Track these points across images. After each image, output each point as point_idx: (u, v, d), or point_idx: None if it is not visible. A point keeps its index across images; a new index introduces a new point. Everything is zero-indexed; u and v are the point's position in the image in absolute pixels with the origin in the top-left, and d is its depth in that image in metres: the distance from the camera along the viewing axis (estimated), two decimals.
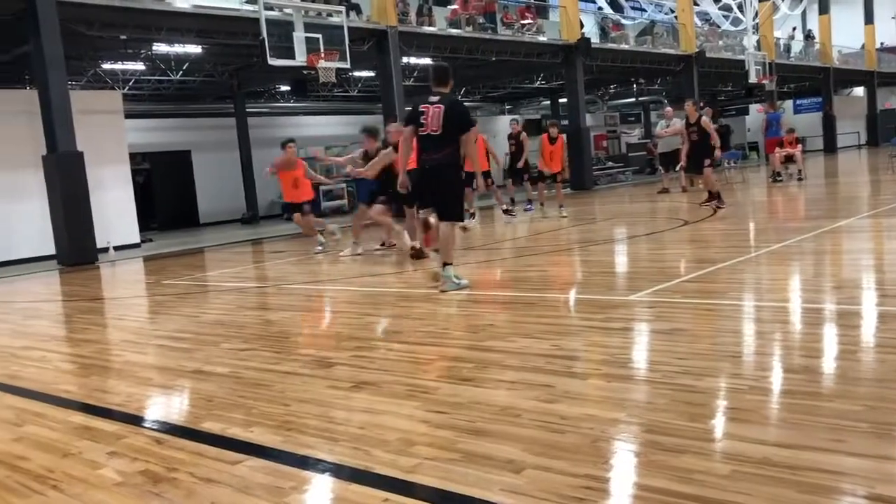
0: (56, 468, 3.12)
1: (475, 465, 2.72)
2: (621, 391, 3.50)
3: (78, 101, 13.20)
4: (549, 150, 13.91)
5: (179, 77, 19.54)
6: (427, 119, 6.70)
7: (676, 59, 25.87)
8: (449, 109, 6.69)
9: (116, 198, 15.21)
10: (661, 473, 2.52)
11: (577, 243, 10.05)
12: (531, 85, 28.18)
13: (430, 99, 6.80)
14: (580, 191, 22.02)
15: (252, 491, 2.70)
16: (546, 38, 21.91)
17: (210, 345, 5.42)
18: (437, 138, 6.66)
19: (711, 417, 3.10)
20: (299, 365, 4.65)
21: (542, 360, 4.11)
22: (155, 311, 7.90)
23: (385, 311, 6.41)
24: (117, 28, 13.81)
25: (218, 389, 4.15)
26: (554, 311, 5.82)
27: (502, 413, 3.27)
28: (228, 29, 15.10)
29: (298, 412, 3.58)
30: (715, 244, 8.46)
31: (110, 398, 4.25)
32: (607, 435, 2.95)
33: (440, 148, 6.67)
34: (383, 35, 17.20)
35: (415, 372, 4.12)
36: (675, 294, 5.70)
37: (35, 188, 13.40)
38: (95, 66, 17.99)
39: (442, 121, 6.63)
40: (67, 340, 6.54)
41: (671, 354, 3.99)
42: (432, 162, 6.71)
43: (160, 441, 3.37)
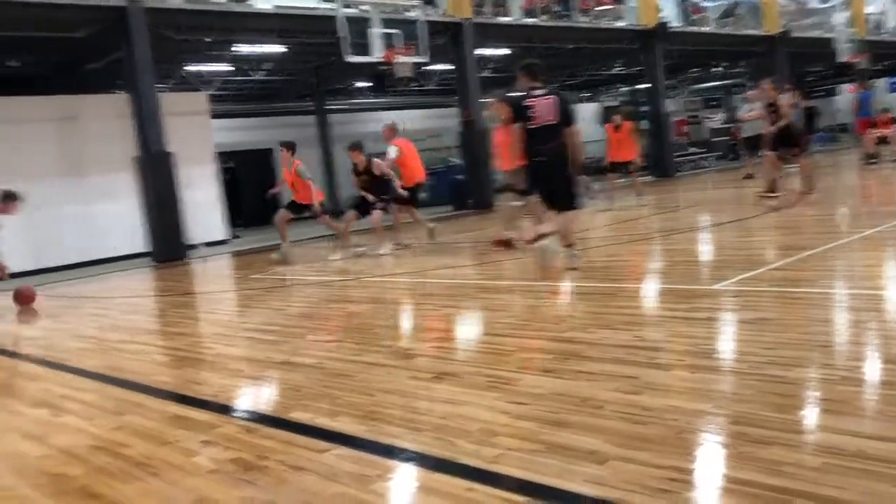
0: (154, 455, 3.27)
1: (558, 456, 2.73)
2: (706, 382, 3.44)
3: (166, 104, 13.70)
4: (615, 139, 13.61)
5: (261, 77, 20.06)
6: (536, 111, 6.84)
7: (760, 40, 24.99)
8: (561, 99, 6.97)
9: (204, 196, 15.75)
10: (749, 465, 2.47)
11: (658, 232, 9.86)
12: (609, 72, 27.73)
13: (533, 92, 6.96)
14: (662, 178, 21.56)
15: (339, 479, 2.77)
16: (624, 23, 21.51)
17: (296, 337, 5.57)
18: (551, 128, 6.85)
19: (801, 408, 3.01)
20: (382, 356, 4.73)
21: (623, 351, 4.06)
22: (243, 304, 8.16)
23: (464, 302, 6.45)
24: (202, 31, 14.28)
25: (305, 380, 4.27)
26: (635, 301, 5.74)
27: (584, 404, 3.26)
28: (308, 28, 15.41)
29: (382, 402, 3.65)
30: (804, 230, 8.18)
31: (203, 389, 4.42)
32: (692, 426, 2.90)
33: (555, 137, 6.87)
34: (458, 27, 17.22)
35: (495, 363, 4.14)
36: (762, 282, 5.54)
37: (128, 188, 13.99)
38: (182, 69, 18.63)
39: (558, 109, 6.88)
40: (162, 334, 6.82)
41: (758, 344, 3.89)
42: (549, 152, 6.88)
43: (250, 430, 3.49)
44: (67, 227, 14.13)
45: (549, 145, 6.84)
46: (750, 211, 10.36)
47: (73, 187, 14.35)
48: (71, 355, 5.97)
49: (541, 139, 6.87)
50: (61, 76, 16.24)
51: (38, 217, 13.97)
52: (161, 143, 13.11)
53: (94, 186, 14.59)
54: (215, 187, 16.40)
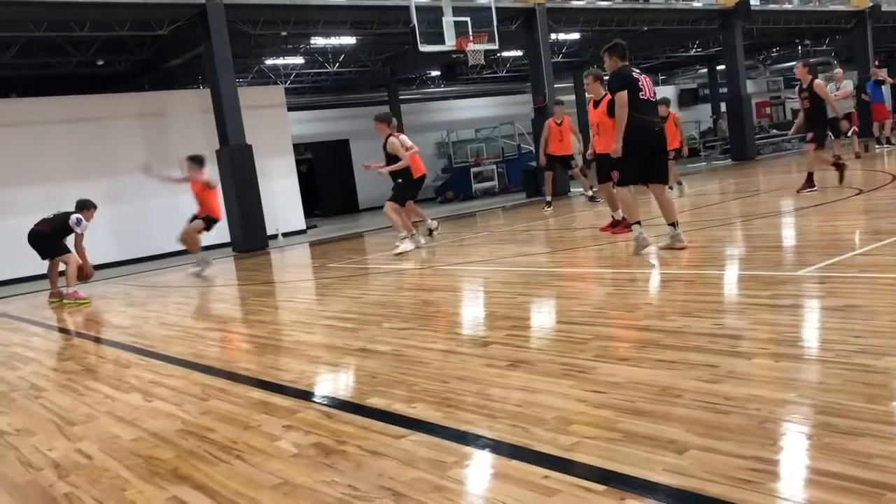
0: (239, 439, 3.38)
1: (636, 445, 2.70)
2: (791, 371, 3.34)
3: (245, 97, 14.07)
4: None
5: (336, 69, 20.34)
6: (644, 85, 7.13)
7: (847, 16, 23.96)
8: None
9: (283, 187, 16.13)
10: (837, 457, 2.39)
11: (738, 217, 9.59)
12: (686, 53, 27.06)
13: (634, 70, 7.23)
14: (742, 161, 20.96)
15: (416, 464, 2.81)
16: (701, 3, 20.93)
17: (372, 324, 5.66)
18: (653, 105, 7.22)
19: (892, 399, 2.89)
20: (456, 343, 4.76)
21: (703, 339, 3.98)
22: (321, 293, 8.32)
23: (538, 290, 6.42)
24: (279, 25, 14.58)
25: (381, 367, 4.33)
26: (715, 288, 5.61)
27: (663, 393, 3.21)
28: (380, 19, 15.55)
29: (457, 389, 3.68)
30: (893, 214, 7.83)
31: (284, 375, 4.54)
32: (776, 416, 2.82)
33: (656, 114, 7.34)
34: (531, 13, 17.08)
35: (570, 351, 4.12)
36: (849, 268, 5.33)
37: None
38: (259, 63, 19.05)
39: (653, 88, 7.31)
40: (244, 321, 7.03)
41: (846, 332, 3.75)
42: (659, 125, 7.29)
43: (330, 415, 3.57)
44: (154, 218, 14.67)
45: (656, 118, 7.23)
46: (835, 194, 9.98)
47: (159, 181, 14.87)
48: (159, 342, 6.21)
49: (649, 112, 7.11)
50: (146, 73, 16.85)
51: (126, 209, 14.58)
52: (240, 135, 13.46)
53: None
54: (293, 178, 16.76)
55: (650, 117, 7.13)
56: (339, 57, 19.77)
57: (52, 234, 9.42)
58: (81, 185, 14.00)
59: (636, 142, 7.04)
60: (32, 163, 14.05)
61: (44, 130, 14.27)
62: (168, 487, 2.93)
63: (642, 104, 7.04)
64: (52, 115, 14.39)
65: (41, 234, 9.47)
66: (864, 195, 9.55)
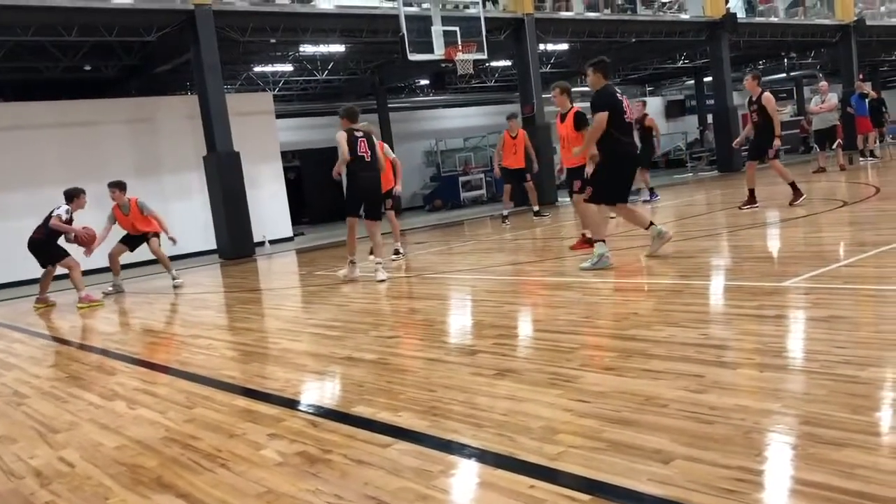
0: (223, 447, 3.36)
1: (622, 455, 2.70)
2: (776, 381, 3.35)
3: (233, 104, 14.04)
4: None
5: (325, 76, 20.36)
6: (626, 107, 7.13)
7: (832, 30, 24.20)
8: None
9: (270, 194, 16.10)
10: (821, 467, 2.40)
11: (725, 227, 9.65)
12: (673, 65, 27.25)
13: (617, 90, 7.22)
14: (728, 172, 21.09)
15: (402, 473, 2.80)
16: (689, 15, 21.10)
17: (359, 332, 5.64)
18: (631, 125, 7.31)
19: (876, 410, 2.91)
20: (443, 352, 4.76)
21: (690, 349, 3.99)
22: (308, 300, 8.30)
23: (525, 299, 6.43)
24: (267, 32, 14.58)
25: (367, 375, 4.32)
26: (702, 298, 5.63)
27: (648, 403, 3.22)
28: (369, 27, 15.58)
29: (444, 398, 3.67)
30: (877, 226, 7.89)
31: (269, 383, 4.52)
32: (761, 426, 2.83)
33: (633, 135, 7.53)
34: (520, 23, 17.16)
35: (557, 360, 4.12)
36: (833, 279, 5.37)
37: (197, 187, 14.39)
38: (247, 70, 19.04)
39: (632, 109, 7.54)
40: (230, 329, 6.99)
41: (830, 343, 3.77)
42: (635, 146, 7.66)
43: (315, 424, 3.56)
44: None
45: (633, 140, 7.51)
46: (821, 206, 10.06)
47: (147, 186, 14.79)
48: (144, 349, 6.17)
49: (630, 134, 7.26)
50: (134, 79, 16.80)
51: None
52: (228, 142, 13.43)
53: (167, 185, 15.04)
54: (280, 185, 16.72)
55: (630, 139, 7.25)
56: (328, 64, 19.79)
57: (48, 238, 9.38)
58: None
59: (622, 166, 7.14)
60: (20, 167, 13.95)
61: (31, 135, 14.18)
62: (151, 496, 2.91)
63: (626, 127, 7.09)
64: (39, 120, 14.31)
65: (37, 242, 9.44)
66: (848, 207, 9.64)
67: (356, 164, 8.07)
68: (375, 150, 8.29)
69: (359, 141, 8.11)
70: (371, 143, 8.23)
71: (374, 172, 8.26)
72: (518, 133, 12.84)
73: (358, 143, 8.09)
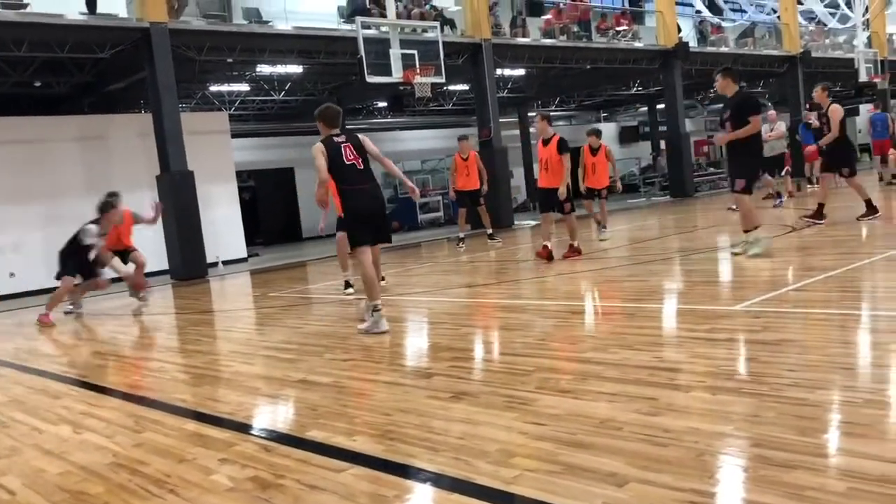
0: (173, 473, 3.28)
1: (577, 478, 2.70)
2: (727, 404, 3.40)
3: (188, 123, 13.87)
4: (590, 163, 12.17)
5: (282, 97, 20.26)
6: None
7: (780, 60, 24.97)
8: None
9: (224, 214, 15.89)
10: (772, 489, 2.44)
11: (678, 252, 9.81)
12: (628, 91, 27.76)
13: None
14: (680, 198, 21.49)
15: (356, 498, 2.76)
16: (642, 43, 21.56)
17: (314, 355, 5.58)
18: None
19: (824, 432, 2.97)
20: (399, 375, 4.73)
21: (643, 371, 4.03)
22: (261, 322, 8.19)
23: (482, 321, 6.43)
24: (224, 52, 14.47)
25: (322, 399, 4.27)
26: (655, 321, 5.70)
27: (603, 426, 3.24)
28: (328, 49, 15.58)
29: (399, 422, 3.64)
30: (825, 251, 8.10)
31: (221, 407, 4.43)
32: (713, 449, 2.87)
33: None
34: (477, 48, 17.34)
35: (513, 383, 4.12)
36: (783, 304, 5.49)
37: (149, 206, 14.13)
38: (203, 89, 18.86)
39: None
40: (181, 351, 6.86)
41: (780, 366, 3.84)
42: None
43: (268, 448, 3.50)
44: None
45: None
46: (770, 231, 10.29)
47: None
48: (91, 372, 6.01)
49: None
50: (86, 95, 16.51)
51: (65, 234, 14.12)
52: (182, 161, 13.25)
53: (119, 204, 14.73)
54: (235, 206, 16.53)
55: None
56: (286, 85, 19.71)
57: (64, 253, 9.44)
58: (18, 208, 13.59)
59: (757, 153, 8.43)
60: None
61: None
62: None
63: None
64: None
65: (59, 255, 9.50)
66: (796, 233, 9.87)
67: (345, 177, 6.21)
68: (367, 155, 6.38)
69: (342, 148, 6.25)
70: (359, 148, 6.33)
71: (370, 184, 6.33)
72: (469, 155, 12.86)
73: (342, 152, 6.24)
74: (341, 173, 6.19)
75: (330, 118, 6.44)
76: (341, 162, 6.18)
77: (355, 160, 6.23)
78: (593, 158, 11.98)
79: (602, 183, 12.02)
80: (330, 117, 6.44)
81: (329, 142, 6.26)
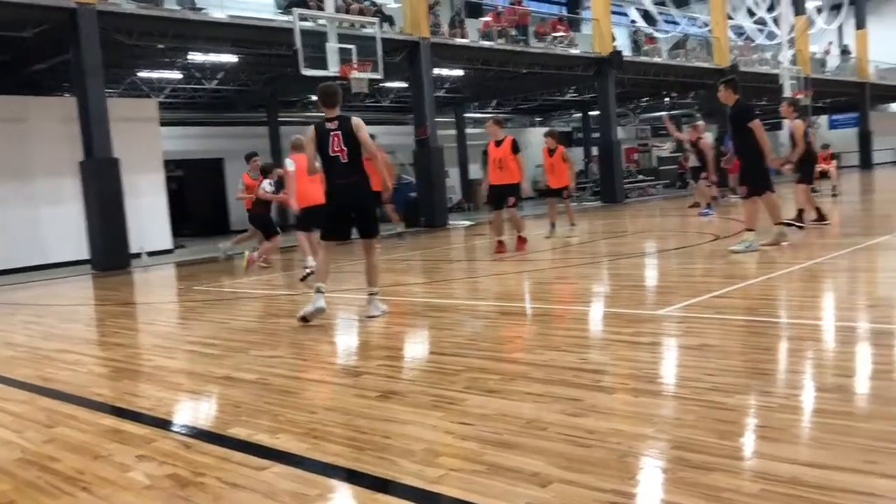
0: (86, 470, 3.16)
1: (501, 478, 2.71)
2: (649, 406, 3.47)
3: (115, 109, 13.44)
4: (549, 164, 12.60)
5: (214, 86, 19.81)
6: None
7: (709, 73, 25.67)
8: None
9: (150, 204, 15.45)
10: (690, 491, 2.49)
11: (606, 257, 9.99)
12: (562, 97, 28.15)
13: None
14: (611, 204, 21.91)
15: (277, 497, 2.71)
16: (578, 50, 21.89)
17: (239, 351, 5.47)
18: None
19: (741, 435, 3.06)
20: (327, 373, 4.67)
21: (569, 373, 4.08)
22: (185, 316, 7.99)
23: (413, 320, 6.42)
24: (155, 37, 14.05)
25: (246, 396, 4.18)
26: (582, 324, 5.78)
27: (528, 426, 3.26)
28: (263, 39, 15.30)
29: (324, 420, 3.60)
30: (746, 260, 8.36)
31: (140, 402, 4.30)
32: (635, 450, 2.92)
33: None
34: (415, 46, 17.30)
35: (441, 382, 4.12)
36: (705, 309, 5.64)
37: (72, 193, 13.64)
38: (132, 75, 18.30)
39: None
40: (100, 344, 6.63)
41: (700, 370, 3.94)
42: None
43: (188, 445, 3.40)
44: (9, 230, 13.70)
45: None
46: (695, 239, 10.57)
47: (17, 190, 13.95)
48: (1, 364, 5.76)
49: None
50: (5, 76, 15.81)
51: None
52: (107, 148, 12.83)
53: (39, 190, 14.21)
54: (161, 195, 16.10)
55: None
56: (219, 74, 19.28)
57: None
58: None
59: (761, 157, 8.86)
60: None
61: None
62: None
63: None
64: None
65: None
66: (720, 241, 10.17)
67: (327, 169, 6.19)
68: (359, 147, 6.14)
69: (331, 137, 6.07)
70: (349, 136, 6.08)
71: (353, 178, 6.13)
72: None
73: (330, 141, 6.08)
74: (324, 164, 6.18)
75: (322, 96, 6.27)
76: (326, 152, 6.13)
77: (340, 152, 6.10)
78: (550, 159, 12.40)
79: (561, 182, 12.56)
80: (322, 95, 6.27)
81: (320, 128, 6.16)
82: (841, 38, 39.12)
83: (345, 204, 6.27)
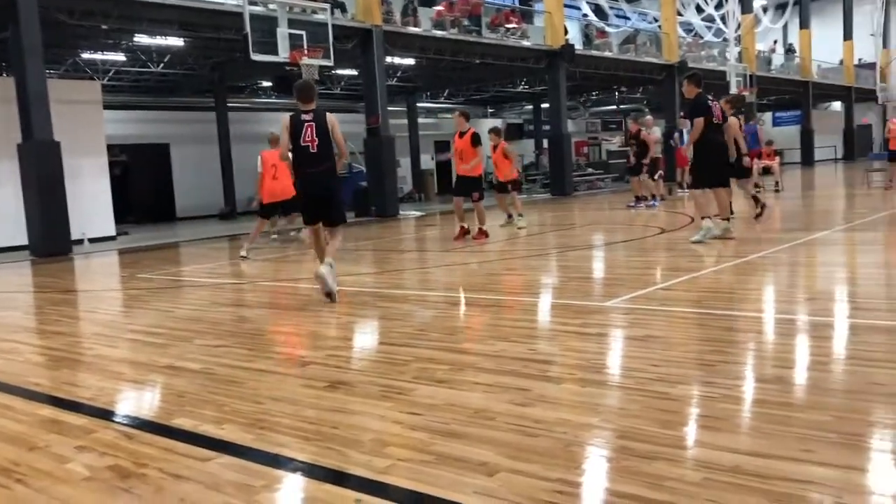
0: (22, 461, 3.07)
1: (449, 468, 2.72)
2: (595, 396, 3.51)
3: (56, 90, 13.05)
4: (494, 159, 12.76)
5: (160, 69, 19.37)
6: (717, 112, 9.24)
7: (659, 68, 26.06)
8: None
9: (92, 189, 15.04)
10: (634, 479, 2.53)
11: (554, 248, 10.08)
12: (514, 89, 28.26)
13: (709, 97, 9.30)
14: (560, 196, 22.11)
15: (222, 488, 2.67)
16: (530, 42, 21.97)
17: (183, 340, 5.37)
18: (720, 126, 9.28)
19: (684, 425, 3.12)
20: (273, 363, 4.62)
21: (517, 363, 4.11)
22: (128, 304, 7.82)
23: (362, 310, 6.39)
24: (99, 17, 13.65)
25: (190, 385, 4.11)
26: (531, 314, 5.83)
27: (477, 416, 3.27)
28: (211, 22, 14.99)
29: (271, 410, 3.56)
30: (690, 253, 8.52)
31: (80, 392, 4.19)
32: (580, 440, 2.95)
33: None
34: (368, 34, 17.16)
35: (390, 372, 4.11)
36: (650, 301, 5.73)
37: (9, 177, 13.21)
38: (75, 56, 17.78)
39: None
40: (38, 332, 6.45)
41: (645, 361, 4.01)
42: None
43: (130, 436, 3.33)
44: None
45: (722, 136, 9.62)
46: (642, 232, 10.73)
47: None
48: None
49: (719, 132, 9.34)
50: None
51: None
52: (47, 130, 12.44)
53: None
54: (104, 180, 15.69)
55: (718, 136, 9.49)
56: (165, 57, 18.85)
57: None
58: None
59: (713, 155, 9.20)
60: None
61: None
62: None
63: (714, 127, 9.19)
64: None
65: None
66: (666, 234, 10.35)
67: (298, 157, 6.53)
68: (329, 136, 6.48)
69: (304, 127, 6.41)
70: (321, 128, 6.45)
71: (321, 167, 6.46)
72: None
73: (303, 131, 6.41)
74: (296, 152, 6.54)
75: (299, 92, 6.63)
76: (298, 142, 6.47)
77: (311, 142, 6.44)
78: (494, 155, 12.52)
79: (504, 176, 12.77)
80: (299, 91, 6.64)
81: (295, 118, 6.51)
82: (786, 38, 40.12)
83: (315, 192, 6.62)
